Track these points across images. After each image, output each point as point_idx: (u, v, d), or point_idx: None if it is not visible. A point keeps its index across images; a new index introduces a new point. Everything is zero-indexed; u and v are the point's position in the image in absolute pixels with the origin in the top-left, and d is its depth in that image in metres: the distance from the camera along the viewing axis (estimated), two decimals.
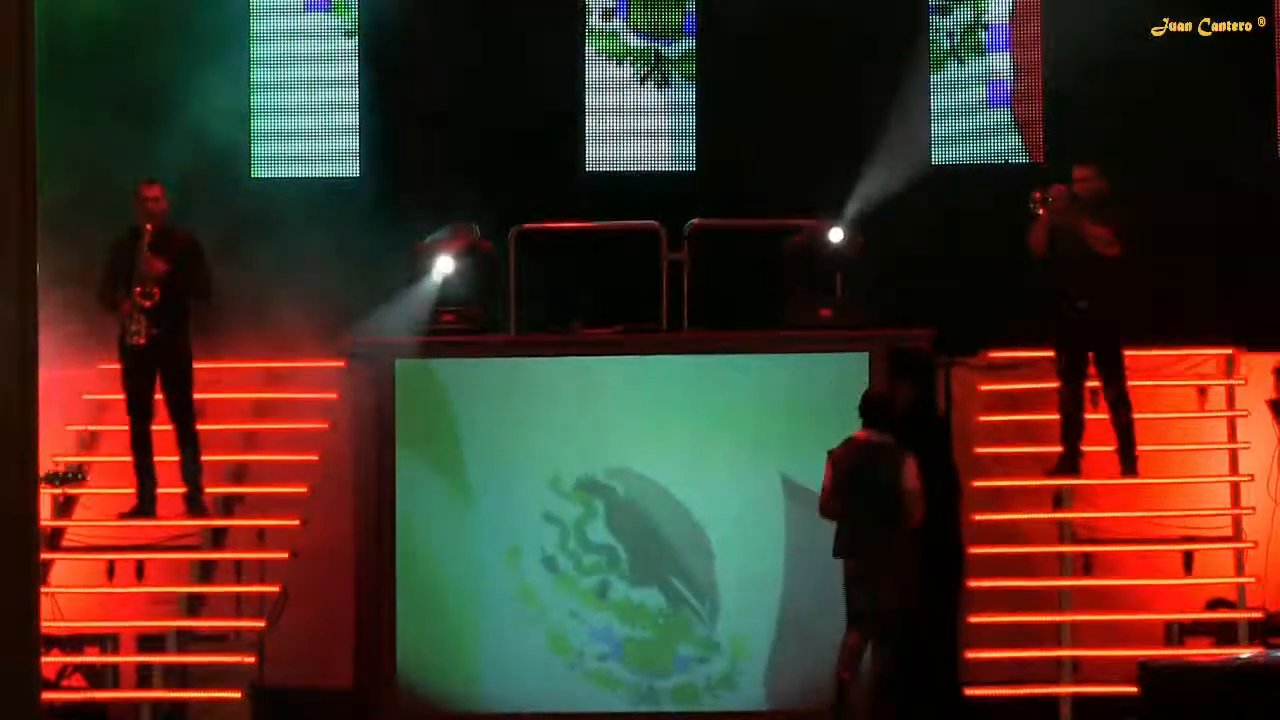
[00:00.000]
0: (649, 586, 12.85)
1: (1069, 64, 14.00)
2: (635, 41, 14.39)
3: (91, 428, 12.92)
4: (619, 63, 14.37)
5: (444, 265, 13.41)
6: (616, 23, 14.39)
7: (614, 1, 14.40)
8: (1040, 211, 12.48)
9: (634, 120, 14.42)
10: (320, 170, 14.38)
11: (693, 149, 14.39)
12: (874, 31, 14.08)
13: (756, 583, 12.88)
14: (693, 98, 14.39)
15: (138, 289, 12.45)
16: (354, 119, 14.36)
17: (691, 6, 14.38)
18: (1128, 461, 12.68)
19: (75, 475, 11.67)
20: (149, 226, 12.58)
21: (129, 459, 12.80)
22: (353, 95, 14.37)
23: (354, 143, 14.36)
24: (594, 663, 12.83)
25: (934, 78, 14.29)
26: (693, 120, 14.39)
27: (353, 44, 14.39)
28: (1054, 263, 12.56)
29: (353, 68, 14.39)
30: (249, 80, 14.35)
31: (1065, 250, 12.50)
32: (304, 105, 14.39)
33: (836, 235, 13.33)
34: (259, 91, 14.38)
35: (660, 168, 14.40)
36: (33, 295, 7.05)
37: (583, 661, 12.85)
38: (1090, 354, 12.63)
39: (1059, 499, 13.01)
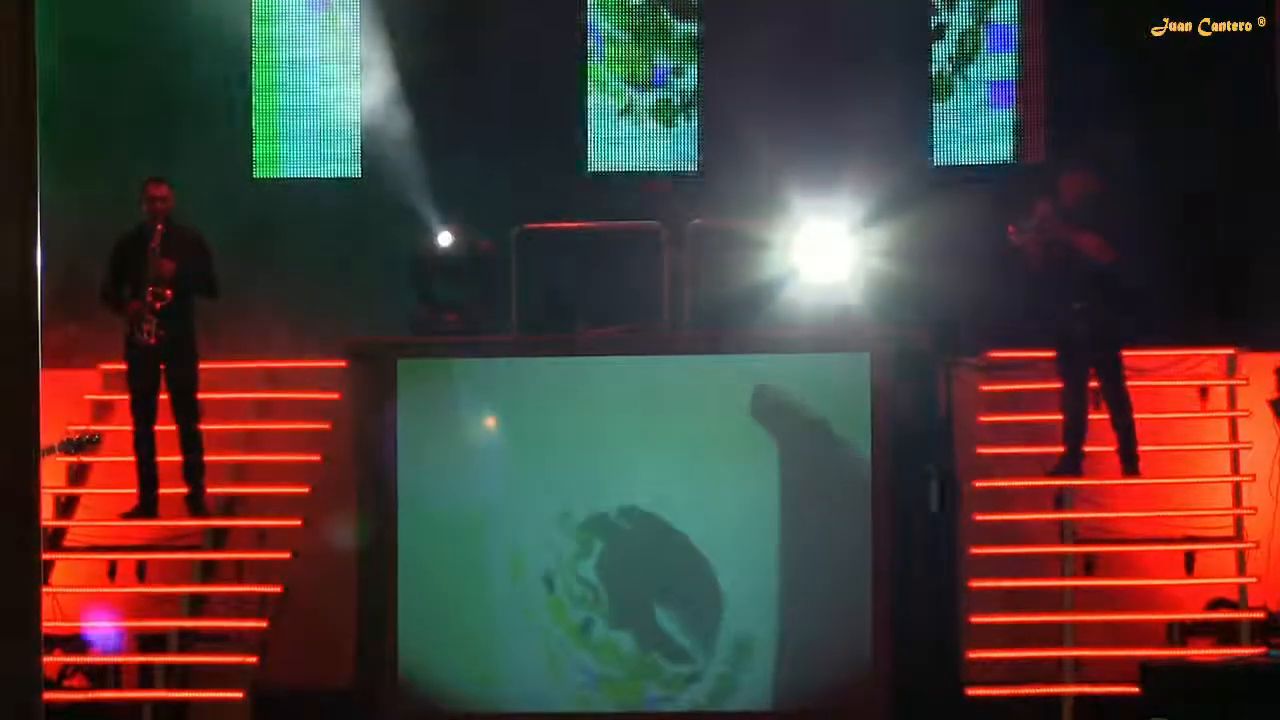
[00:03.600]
0: (625, 630, 12.83)
1: (1069, 64, 14.00)
2: (614, 85, 14.43)
3: (92, 427, 12.91)
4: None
5: (445, 265, 13.40)
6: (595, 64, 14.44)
7: (595, 44, 14.44)
8: (1022, 240, 12.50)
9: (635, 121, 14.43)
10: (321, 170, 14.39)
11: (693, 149, 14.39)
12: (875, 31, 14.08)
13: (753, 591, 12.84)
14: (694, 98, 14.41)
15: (150, 289, 12.44)
16: (356, 119, 14.36)
17: (661, 56, 14.41)
18: (1129, 461, 12.68)
19: (90, 441, 11.56)
20: (159, 227, 12.58)
21: (130, 459, 12.80)
22: (354, 95, 14.37)
23: (355, 143, 14.35)
24: (575, 689, 12.81)
25: (934, 78, 14.29)
26: (693, 120, 14.40)
27: (354, 44, 14.38)
28: (1051, 270, 12.55)
29: (354, 68, 14.39)
30: (251, 80, 14.35)
31: (1061, 258, 12.49)
32: (306, 105, 14.39)
33: (833, 236, 13.34)
34: (260, 92, 14.38)
35: (660, 168, 14.41)
36: (34, 294, 7.05)
37: (569, 688, 12.83)
38: (1091, 354, 12.63)
39: (1060, 499, 13.00)
